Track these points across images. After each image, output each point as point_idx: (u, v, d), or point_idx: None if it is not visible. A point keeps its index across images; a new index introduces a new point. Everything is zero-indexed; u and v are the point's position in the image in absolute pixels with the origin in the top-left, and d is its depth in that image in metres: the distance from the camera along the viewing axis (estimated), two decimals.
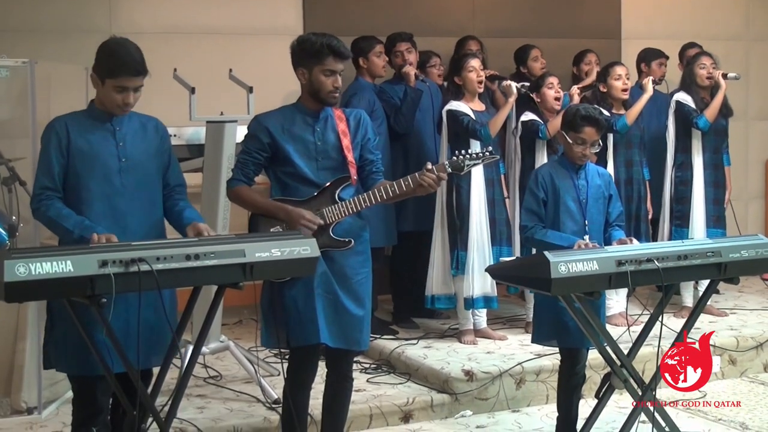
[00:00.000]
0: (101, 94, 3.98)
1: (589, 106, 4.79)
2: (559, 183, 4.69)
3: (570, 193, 4.69)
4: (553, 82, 6.48)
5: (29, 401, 5.27)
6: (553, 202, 4.68)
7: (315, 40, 4.23)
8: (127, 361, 3.71)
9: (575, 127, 4.65)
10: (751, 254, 4.36)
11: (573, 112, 4.71)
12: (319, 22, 7.60)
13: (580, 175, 4.73)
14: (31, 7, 6.86)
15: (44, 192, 3.93)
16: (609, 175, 4.95)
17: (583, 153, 4.67)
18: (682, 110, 6.84)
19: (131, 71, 3.91)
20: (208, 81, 6.27)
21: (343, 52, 4.23)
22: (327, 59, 4.21)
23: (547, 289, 3.99)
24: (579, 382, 4.77)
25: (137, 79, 3.94)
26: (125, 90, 3.92)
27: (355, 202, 4.26)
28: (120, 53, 3.92)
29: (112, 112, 3.99)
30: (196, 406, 5.36)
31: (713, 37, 8.13)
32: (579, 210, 4.68)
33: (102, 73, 3.92)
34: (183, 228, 4.05)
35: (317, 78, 4.24)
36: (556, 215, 4.66)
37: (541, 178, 4.72)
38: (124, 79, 3.90)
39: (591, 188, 4.73)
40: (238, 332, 6.87)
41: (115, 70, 3.89)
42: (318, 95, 4.27)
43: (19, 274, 3.29)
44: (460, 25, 7.90)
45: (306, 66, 4.26)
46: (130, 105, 3.99)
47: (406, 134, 6.79)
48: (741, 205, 8.70)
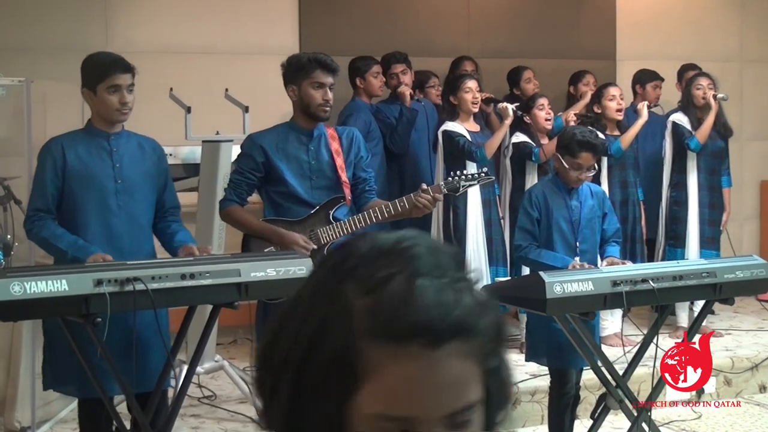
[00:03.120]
0: (97, 106, 3.97)
1: (585, 130, 4.77)
2: (552, 203, 4.69)
3: (562, 213, 4.68)
4: (544, 103, 6.50)
5: (23, 421, 5.24)
6: (545, 221, 4.68)
7: (302, 56, 4.30)
8: (123, 382, 3.70)
9: (572, 152, 4.63)
10: (746, 275, 4.37)
11: (570, 136, 4.68)
12: (315, 41, 7.62)
13: (573, 195, 4.72)
14: (27, 25, 6.87)
15: (37, 213, 3.93)
16: (603, 192, 4.94)
17: (579, 177, 4.68)
18: (677, 131, 6.87)
19: (119, 68, 3.94)
20: (203, 100, 6.28)
21: (330, 65, 4.24)
22: (314, 72, 4.22)
23: (542, 309, 3.99)
24: (569, 402, 4.76)
25: (127, 76, 3.95)
26: (119, 89, 3.92)
27: (351, 223, 4.26)
28: (103, 56, 4.02)
29: (112, 119, 3.97)
30: (190, 426, 5.34)
31: (708, 59, 8.15)
32: (571, 231, 4.67)
33: (91, 81, 3.94)
34: (174, 249, 4.05)
35: (306, 92, 4.25)
36: (549, 235, 4.66)
37: (534, 198, 4.72)
38: (114, 77, 3.91)
39: (584, 209, 4.73)
40: (233, 352, 6.85)
41: (103, 72, 3.92)
42: (308, 110, 4.27)
43: (13, 292, 3.29)
44: (455, 46, 7.92)
45: (295, 82, 4.27)
46: (128, 105, 3.97)
47: (401, 154, 6.79)
48: (736, 225, 8.70)
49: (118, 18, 7.15)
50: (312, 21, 7.71)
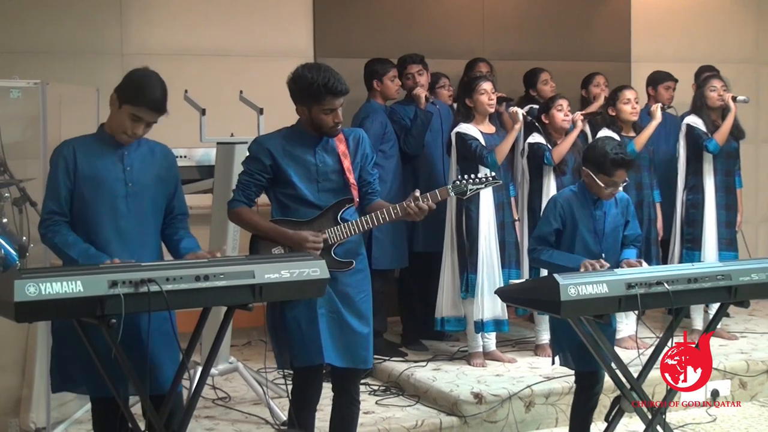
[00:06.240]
0: (114, 116, 3.97)
1: (616, 146, 4.64)
2: (578, 214, 4.66)
3: (587, 224, 4.66)
4: (563, 104, 6.48)
5: (38, 422, 5.26)
6: (570, 232, 4.65)
7: (311, 81, 4.17)
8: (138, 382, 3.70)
9: (606, 170, 4.58)
10: (761, 277, 4.35)
11: (602, 154, 4.59)
12: (329, 44, 7.64)
13: (598, 205, 4.70)
14: (42, 28, 6.90)
15: (52, 217, 3.93)
16: (627, 199, 4.86)
17: (612, 193, 4.66)
18: (692, 133, 6.84)
19: (153, 106, 3.91)
20: (218, 102, 6.30)
21: (340, 90, 4.19)
22: (325, 99, 4.19)
23: (557, 312, 3.98)
24: (595, 405, 4.75)
25: (154, 115, 3.94)
26: (139, 120, 3.91)
27: (358, 224, 4.27)
28: (148, 85, 3.92)
29: (118, 138, 3.98)
30: (204, 427, 5.35)
31: (723, 60, 8.12)
32: (595, 241, 4.65)
33: (124, 97, 3.91)
34: (180, 257, 4.05)
35: (317, 116, 4.24)
36: (572, 245, 4.64)
37: (560, 208, 4.68)
38: (143, 110, 3.90)
39: (608, 218, 4.70)
40: (247, 353, 6.86)
41: (138, 99, 3.88)
42: (320, 130, 4.28)
43: (29, 294, 3.30)
44: (470, 47, 7.91)
45: (304, 104, 4.25)
46: (137, 137, 3.97)
47: (416, 156, 6.79)
48: (751, 227, 8.67)
49: (132, 21, 7.17)
50: (326, 23, 7.72)
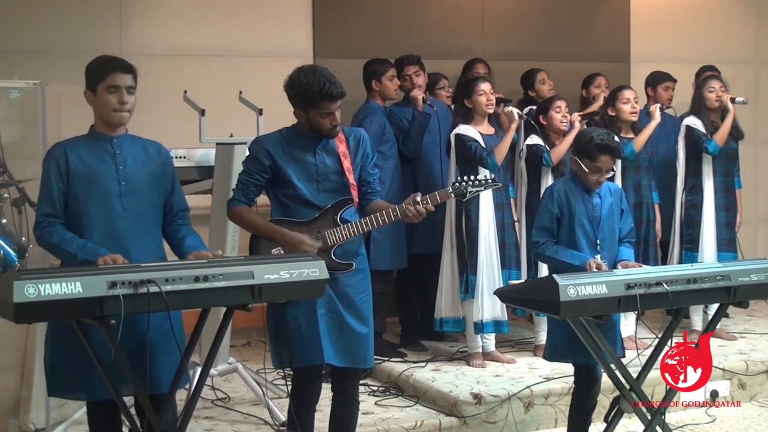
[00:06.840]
0: (97, 107, 3.99)
1: (603, 133, 4.74)
2: (574, 200, 4.69)
3: (584, 210, 4.68)
4: (561, 106, 6.48)
5: (37, 423, 5.27)
6: (567, 219, 4.68)
7: (307, 86, 4.17)
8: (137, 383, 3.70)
9: (591, 155, 4.63)
10: (760, 278, 4.35)
11: (588, 140, 4.68)
12: (329, 44, 7.64)
13: (593, 193, 4.73)
14: (42, 29, 6.90)
15: (46, 219, 3.94)
16: (620, 190, 4.93)
17: (598, 180, 4.68)
18: (692, 134, 6.83)
19: (119, 68, 3.95)
20: (218, 103, 6.30)
21: (336, 95, 4.19)
22: (321, 104, 4.19)
23: (556, 312, 3.99)
24: (593, 405, 4.75)
25: (127, 77, 3.96)
26: (118, 89, 3.93)
27: (357, 226, 4.26)
28: (105, 58, 4.02)
29: (111, 120, 3.97)
30: (204, 428, 5.35)
31: (723, 61, 8.12)
32: (592, 227, 4.68)
33: (92, 82, 3.96)
34: (183, 255, 4.05)
35: (315, 120, 4.24)
36: (571, 232, 4.66)
37: (556, 194, 4.72)
38: (113, 76, 3.92)
39: (604, 205, 4.73)
40: (246, 354, 6.86)
41: (102, 72, 3.94)
42: (319, 133, 4.28)
43: (28, 295, 3.30)
44: (470, 48, 7.92)
45: (302, 108, 4.25)
46: (127, 106, 3.97)
47: (415, 157, 6.79)
48: (750, 228, 8.68)
49: (132, 21, 7.17)
50: (325, 24, 7.72)
